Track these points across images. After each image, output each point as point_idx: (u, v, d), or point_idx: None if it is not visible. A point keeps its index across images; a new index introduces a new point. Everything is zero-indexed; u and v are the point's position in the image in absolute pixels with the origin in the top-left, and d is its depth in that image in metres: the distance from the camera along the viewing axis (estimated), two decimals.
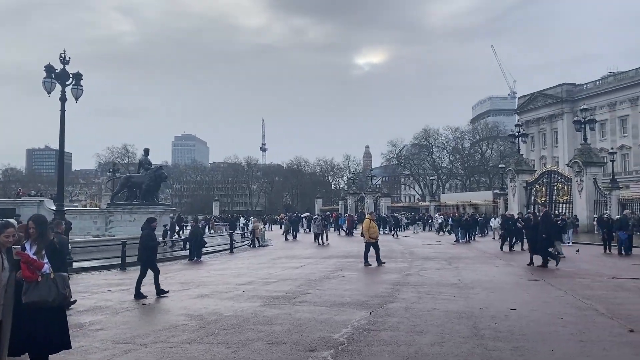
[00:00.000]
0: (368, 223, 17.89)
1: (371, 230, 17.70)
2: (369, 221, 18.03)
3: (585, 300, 10.01)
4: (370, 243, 17.51)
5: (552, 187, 39.75)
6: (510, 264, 17.68)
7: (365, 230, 17.76)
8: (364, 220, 19.07)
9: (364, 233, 17.86)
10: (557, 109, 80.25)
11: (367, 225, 17.82)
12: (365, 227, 17.83)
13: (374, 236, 17.71)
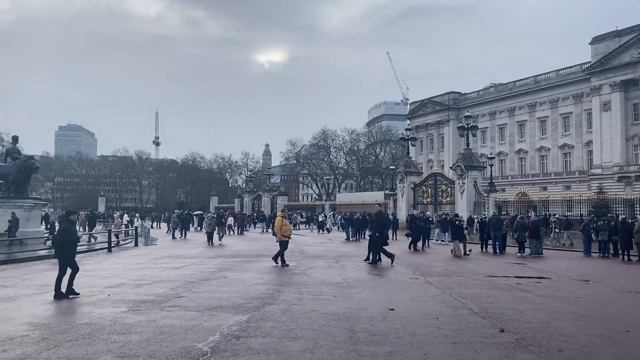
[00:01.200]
0: (280, 221, 17.14)
1: (284, 228, 17.03)
2: (281, 219, 17.30)
3: (461, 299, 10.12)
4: (282, 242, 16.88)
5: (437, 188, 41.72)
6: (395, 262, 17.90)
7: (278, 228, 16.99)
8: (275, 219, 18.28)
9: (276, 232, 17.10)
10: (444, 116, 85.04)
11: (279, 224, 17.05)
12: (278, 225, 17.03)
13: (286, 234, 17.06)
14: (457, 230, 21.39)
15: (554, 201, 46.19)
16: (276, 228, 17.02)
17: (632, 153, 59.78)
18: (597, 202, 43.36)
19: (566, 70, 69.63)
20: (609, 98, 60.99)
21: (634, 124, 59.32)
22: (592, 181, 60.79)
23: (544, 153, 71.29)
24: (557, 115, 69.52)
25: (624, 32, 60.13)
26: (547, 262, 18.67)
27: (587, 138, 64.77)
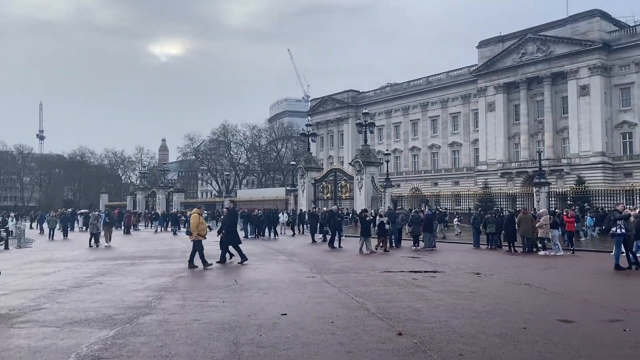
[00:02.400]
0: (197, 219, 15.61)
1: (200, 227, 15.53)
2: (197, 216, 15.75)
3: (358, 299, 9.57)
4: (197, 242, 15.40)
5: (337, 184, 41.85)
6: (292, 260, 17.22)
7: (194, 227, 15.44)
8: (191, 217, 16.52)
9: (192, 230, 15.53)
10: (343, 113, 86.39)
11: (195, 222, 15.45)
12: (194, 224, 15.41)
13: (202, 233, 15.52)
14: (367, 225, 20.74)
15: (445, 196, 48.37)
16: (192, 227, 15.46)
17: (513, 151, 64.41)
18: (482, 196, 45.95)
19: (455, 72, 73.55)
20: (493, 99, 65.21)
21: (515, 124, 63.94)
22: (478, 177, 64.74)
23: (435, 150, 74.76)
24: (447, 114, 73.19)
25: (507, 38, 64.56)
26: (440, 255, 18.97)
27: (474, 136, 68.84)
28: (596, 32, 56.50)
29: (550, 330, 6.91)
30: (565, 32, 58.54)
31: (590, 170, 54.49)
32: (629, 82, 55.56)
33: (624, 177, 53.57)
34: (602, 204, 36.59)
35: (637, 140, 54.97)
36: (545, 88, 60.45)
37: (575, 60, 57.52)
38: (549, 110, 60.04)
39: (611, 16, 58.76)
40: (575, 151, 57.33)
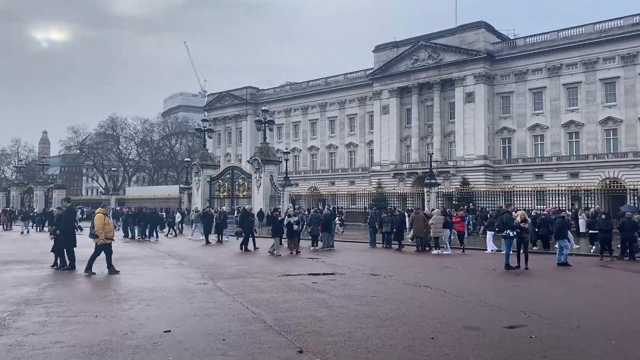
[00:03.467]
0: (102, 219, 13.53)
1: (107, 228, 13.49)
2: (102, 216, 13.65)
3: (254, 309, 8.69)
4: (104, 246, 13.40)
5: (234, 182, 40.53)
6: (182, 264, 15.89)
7: (100, 228, 13.38)
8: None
9: (98, 232, 13.42)
10: (242, 110, 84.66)
11: (101, 222, 13.47)
12: (100, 225, 13.43)
13: (109, 236, 13.63)
14: (279, 225, 19.65)
15: (341, 195, 48.93)
16: (98, 228, 13.49)
17: (405, 152, 66.87)
18: (376, 196, 47.14)
19: (353, 74, 74.95)
20: (387, 102, 67.24)
21: (407, 127, 66.42)
22: (373, 177, 66.46)
23: (332, 150, 75.66)
24: (344, 115, 74.38)
25: (402, 44, 66.88)
26: (338, 255, 18.63)
27: (369, 138, 70.58)
28: (481, 43, 60.29)
29: (459, 340, 6.55)
30: (454, 41, 61.83)
31: (474, 173, 58.01)
32: (509, 91, 59.94)
33: (503, 179, 57.67)
34: (484, 204, 38.95)
35: (515, 145, 59.46)
36: (435, 94, 63.41)
37: (462, 69, 60.93)
38: (438, 115, 63.06)
39: (495, 29, 63.05)
40: (460, 154, 60.73)
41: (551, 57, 56.50)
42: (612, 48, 52.53)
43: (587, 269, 15.02)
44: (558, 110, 56.13)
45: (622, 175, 49.16)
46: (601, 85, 53.51)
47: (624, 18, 52.90)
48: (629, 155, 51.00)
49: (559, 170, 54.58)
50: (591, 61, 53.82)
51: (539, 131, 57.68)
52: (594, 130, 53.83)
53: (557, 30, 57.98)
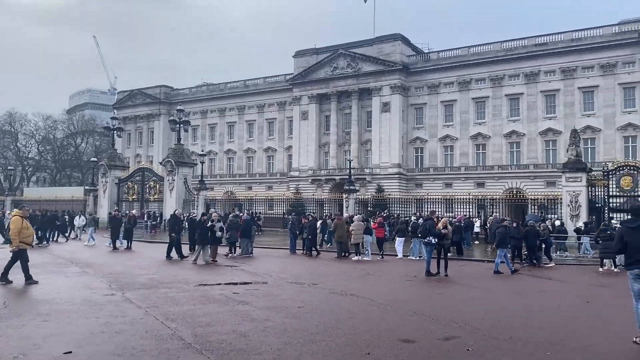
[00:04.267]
0: (19, 222, 11.67)
1: (25, 232, 11.65)
2: (20, 219, 11.76)
3: (170, 324, 7.87)
4: (19, 252, 11.67)
5: (144, 184, 38.44)
6: (86, 272, 14.48)
7: (16, 232, 11.51)
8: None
9: (13, 237, 11.52)
10: (155, 109, 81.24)
11: (17, 227, 11.68)
12: (16, 229, 11.64)
13: (28, 241, 11.92)
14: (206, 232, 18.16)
15: (259, 200, 48.11)
16: (13, 232, 11.67)
17: (323, 159, 67.29)
18: (294, 201, 46.84)
19: (272, 78, 74.42)
20: (307, 108, 67.37)
21: (326, 133, 66.92)
22: (291, 182, 66.18)
23: (250, 154, 74.55)
24: (263, 119, 73.60)
25: (322, 51, 67.38)
26: (258, 262, 17.95)
27: (288, 143, 70.29)
28: (397, 55, 62.15)
29: (396, 354, 6.21)
30: (372, 51, 63.25)
31: (389, 180, 59.49)
32: (422, 102, 62.21)
33: (416, 187, 59.65)
34: (397, 210, 39.89)
35: (427, 154, 61.75)
36: (353, 102, 64.45)
37: (379, 79, 62.45)
38: (356, 123, 64.12)
39: (410, 42, 65.29)
40: (376, 162, 62.08)
41: (462, 72, 59.36)
42: (517, 66, 56.11)
43: (502, 275, 15.48)
44: (467, 123, 59.00)
45: (523, 185, 52.42)
46: (506, 100, 56.95)
47: (528, 38, 56.75)
48: (530, 167, 54.61)
49: (467, 179, 57.29)
50: (498, 77, 57.14)
51: (449, 142, 60.28)
52: (499, 143, 57.11)
53: (467, 46, 61.07)
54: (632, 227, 7.57)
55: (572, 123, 52.21)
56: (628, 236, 7.50)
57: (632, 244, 7.42)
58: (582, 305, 10.12)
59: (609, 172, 27.43)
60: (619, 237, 7.67)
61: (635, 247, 7.39)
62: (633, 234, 7.47)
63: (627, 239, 7.50)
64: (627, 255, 7.58)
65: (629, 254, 7.52)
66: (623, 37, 50.76)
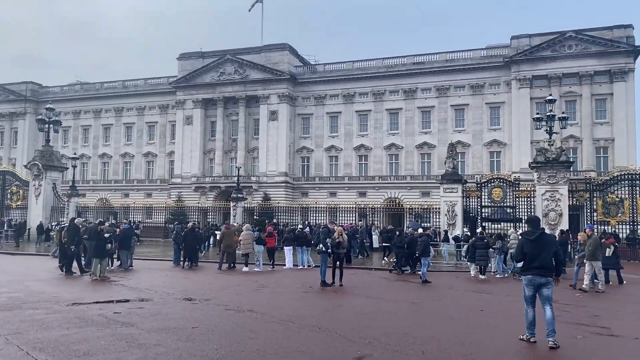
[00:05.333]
0: None
1: None
2: None
3: (38, 354, 6.62)
4: None
5: (5, 189, 34.24)
6: None
7: None
8: None
9: None
10: (19, 107, 73.53)
11: None
12: None
13: None
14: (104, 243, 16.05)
15: (136, 208, 45.27)
16: None
17: (208, 166, 65.31)
18: (176, 209, 44.81)
19: (154, 80, 70.93)
20: (191, 113, 65.05)
21: (211, 140, 65.07)
22: (173, 190, 63.31)
23: (128, 159, 70.17)
24: (143, 123, 69.74)
25: (208, 55, 65.60)
26: (139, 276, 16.53)
27: (170, 148, 67.24)
28: (285, 65, 62.43)
29: None
30: (260, 59, 62.87)
31: (275, 189, 59.28)
32: (309, 112, 63.05)
33: (302, 196, 60.07)
34: (284, 219, 39.76)
35: (313, 164, 62.56)
36: (240, 109, 63.45)
37: (267, 87, 62.21)
38: (243, 130, 63.15)
39: (298, 52, 65.93)
40: (263, 170, 61.59)
41: (346, 85, 61.17)
42: (397, 82, 59.07)
43: (393, 283, 15.75)
44: (351, 134, 60.80)
45: (401, 195, 55.00)
46: (387, 114, 59.64)
47: (407, 57, 60.06)
48: (407, 178, 57.54)
49: (350, 189, 58.92)
50: (379, 92, 59.68)
51: (334, 152, 61.66)
52: (380, 155, 59.55)
53: (352, 60, 63.08)
54: (531, 239, 8.08)
55: (445, 138, 56.11)
56: (527, 247, 7.97)
57: (529, 254, 7.93)
58: (478, 314, 10.42)
59: (481, 184, 29.60)
60: (519, 247, 8.19)
61: (532, 256, 7.90)
62: (531, 244, 8.00)
63: (526, 250, 7.92)
64: (524, 264, 8.02)
65: (526, 263, 8.01)
66: (490, 61, 55.71)
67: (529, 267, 7.88)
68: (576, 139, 50.67)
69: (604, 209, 26.63)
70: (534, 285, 7.82)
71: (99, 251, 15.66)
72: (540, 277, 7.78)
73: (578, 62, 50.87)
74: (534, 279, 7.78)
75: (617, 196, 26.70)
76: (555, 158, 26.65)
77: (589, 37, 50.66)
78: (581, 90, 50.96)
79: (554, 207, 26.08)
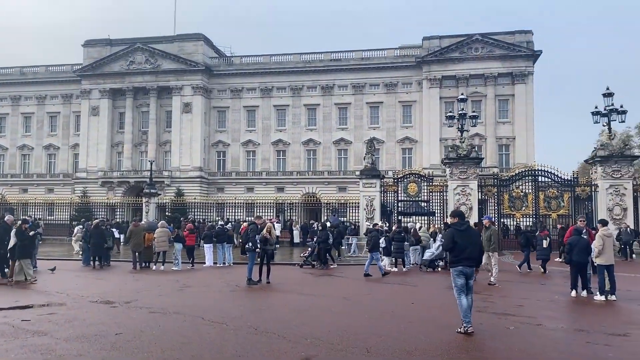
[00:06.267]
0: None
1: None
2: None
3: None
4: None
5: None
6: None
7: None
8: None
9: None
10: None
11: None
12: None
13: None
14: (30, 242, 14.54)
15: (37, 204, 42.03)
16: None
17: (116, 159, 61.94)
18: (80, 206, 42.22)
19: (56, 67, 66.13)
20: (98, 103, 61.35)
21: (120, 132, 61.75)
22: (77, 185, 59.51)
23: (27, 152, 64.92)
24: (44, 113, 64.81)
25: (116, 43, 62.12)
26: (47, 277, 15.22)
27: (75, 140, 63.04)
28: (200, 55, 60.55)
29: None
30: (173, 49, 60.50)
31: (189, 184, 57.44)
32: (225, 106, 61.67)
33: (217, 191, 58.68)
34: (198, 215, 38.65)
35: (230, 159, 61.33)
36: (151, 100, 60.69)
37: (180, 78, 60.01)
38: (154, 122, 60.49)
39: (213, 43, 64.22)
40: (176, 165, 59.43)
41: (264, 79, 60.52)
42: (315, 78, 59.35)
43: (319, 279, 15.66)
44: (269, 129, 60.30)
45: (318, 190, 55.43)
46: (305, 110, 59.79)
47: (324, 53, 60.51)
48: (325, 174, 58.10)
49: (268, 184, 58.47)
50: (297, 87, 59.65)
51: (252, 147, 60.85)
52: (298, 150, 59.58)
53: (269, 54, 62.49)
54: (461, 230, 8.34)
55: (361, 134, 57.30)
56: (458, 237, 8.21)
57: (459, 244, 8.17)
58: (411, 307, 10.52)
59: (398, 179, 30.42)
60: (450, 237, 8.37)
61: (462, 247, 8.16)
62: (461, 235, 8.26)
63: (457, 240, 8.18)
64: (454, 254, 8.31)
65: (455, 253, 8.25)
66: (403, 60, 57.53)
67: (459, 258, 8.16)
68: (481, 137, 53.66)
69: (510, 202, 28.33)
70: (464, 275, 8.13)
71: (25, 251, 14.06)
72: (468, 268, 8.16)
73: (483, 64, 53.89)
74: (464, 270, 8.09)
75: (521, 191, 28.52)
76: (467, 154, 27.98)
77: (493, 41, 53.83)
78: (486, 91, 54.05)
79: (464, 201, 27.35)
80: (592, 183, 27.09)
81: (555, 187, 28.03)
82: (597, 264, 11.26)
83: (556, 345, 7.30)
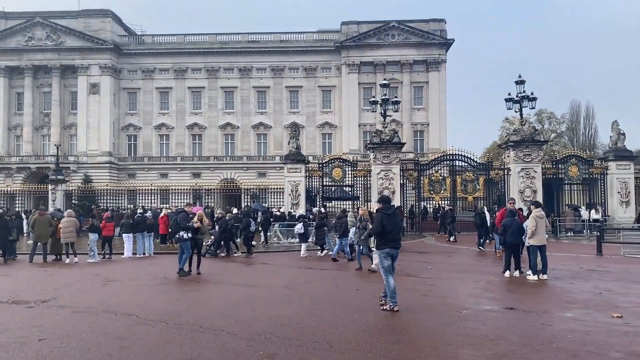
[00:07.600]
0: None
1: None
2: None
3: None
4: None
5: None
6: None
7: None
8: None
9: None
10: None
11: None
12: None
13: None
14: None
15: None
16: None
17: (14, 143, 56.97)
18: None
19: None
20: None
21: (18, 114, 56.77)
22: None
23: None
24: None
25: (12, 16, 56.91)
26: None
27: None
28: (108, 33, 56.75)
29: None
30: (78, 25, 56.21)
31: (98, 170, 54.05)
32: (136, 87, 58.40)
33: (128, 177, 55.70)
34: (107, 203, 36.54)
35: (141, 143, 58.33)
36: (54, 80, 56.15)
37: (86, 57, 55.97)
38: (57, 104, 56.09)
39: (122, 21, 60.41)
40: (83, 149, 55.66)
41: (178, 60, 57.95)
42: (232, 60, 57.71)
43: (248, 268, 15.13)
44: (183, 112, 58.01)
45: (237, 176, 54.32)
46: (222, 92, 58.08)
47: (242, 34, 58.97)
48: (244, 159, 57.00)
49: (183, 170, 56.40)
50: (214, 69, 57.73)
51: (165, 131, 58.31)
52: (215, 134, 57.89)
53: (183, 34, 59.89)
54: (388, 214, 8.69)
55: (280, 119, 56.74)
56: (386, 221, 8.54)
57: (386, 227, 8.53)
58: (356, 294, 10.28)
59: (323, 164, 30.36)
60: (379, 221, 8.60)
61: (388, 230, 8.53)
62: (389, 219, 8.61)
63: (385, 223, 8.51)
64: (380, 237, 8.62)
65: (381, 236, 8.59)
66: (322, 45, 57.43)
67: (386, 240, 8.55)
68: (397, 123, 54.90)
69: (430, 186, 29.26)
70: (391, 256, 8.55)
71: None
72: (395, 250, 8.61)
73: (400, 51, 55.10)
74: (391, 251, 8.53)
75: (440, 175, 29.53)
76: (389, 139, 28.46)
77: (409, 28, 55.13)
78: (402, 77, 55.37)
79: (387, 185, 27.86)
80: (504, 167, 28.60)
81: (472, 171, 29.30)
82: (530, 244, 11.72)
83: (512, 328, 7.35)
